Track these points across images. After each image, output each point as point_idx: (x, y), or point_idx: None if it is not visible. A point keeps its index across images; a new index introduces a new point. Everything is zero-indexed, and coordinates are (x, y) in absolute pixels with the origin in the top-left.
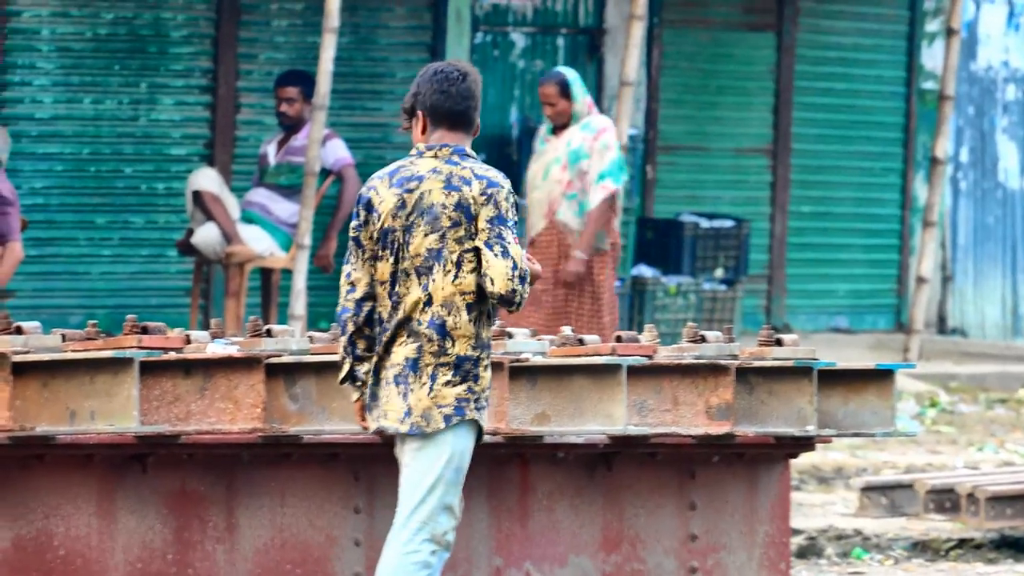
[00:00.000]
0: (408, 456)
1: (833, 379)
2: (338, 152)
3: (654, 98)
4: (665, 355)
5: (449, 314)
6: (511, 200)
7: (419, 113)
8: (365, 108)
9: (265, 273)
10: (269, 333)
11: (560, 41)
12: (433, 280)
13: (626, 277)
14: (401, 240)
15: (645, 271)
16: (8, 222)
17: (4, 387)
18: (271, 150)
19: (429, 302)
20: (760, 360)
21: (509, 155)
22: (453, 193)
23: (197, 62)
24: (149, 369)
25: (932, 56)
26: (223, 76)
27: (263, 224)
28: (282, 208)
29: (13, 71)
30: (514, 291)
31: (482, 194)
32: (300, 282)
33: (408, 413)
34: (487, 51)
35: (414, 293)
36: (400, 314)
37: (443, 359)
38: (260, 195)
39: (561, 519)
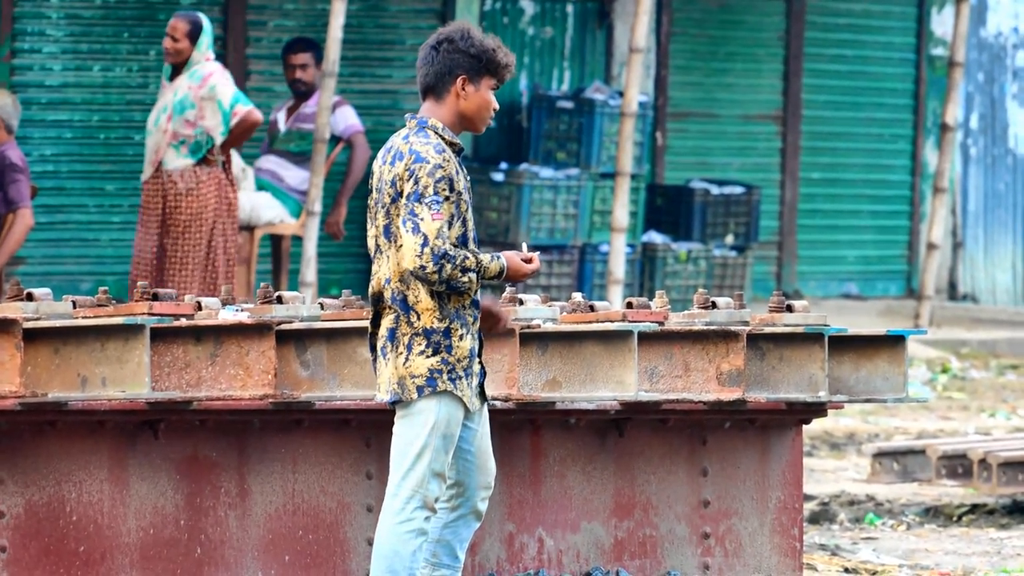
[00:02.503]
0: (395, 425)
1: (844, 345)
2: (348, 119)
3: (664, 65)
4: (676, 321)
5: (408, 289)
6: (436, 175)
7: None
8: (375, 75)
9: (275, 240)
10: (280, 300)
11: (569, 8)
12: (388, 257)
13: (637, 244)
14: (372, 216)
15: (655, 238)
16: (18, 189)
17: (15, 354)
18: (281, 117)
19: (388, 279)
20: (771, 326)
21: (519, 122)
22: (391, 169)
23: None
24: (160, 336)
25: (942, 22)
26: (232, 43)
27: (273, 191)
28: (292, 175)
29: (23, 38)
30: (423, 267)
31: (407, 169)
32: (311, 249)
33: (388, 382)
34: (496, 18)
35: (381, 269)
36: (374, 288)
37: (415, 329)
38: (270, 162)
39: (573, 485)
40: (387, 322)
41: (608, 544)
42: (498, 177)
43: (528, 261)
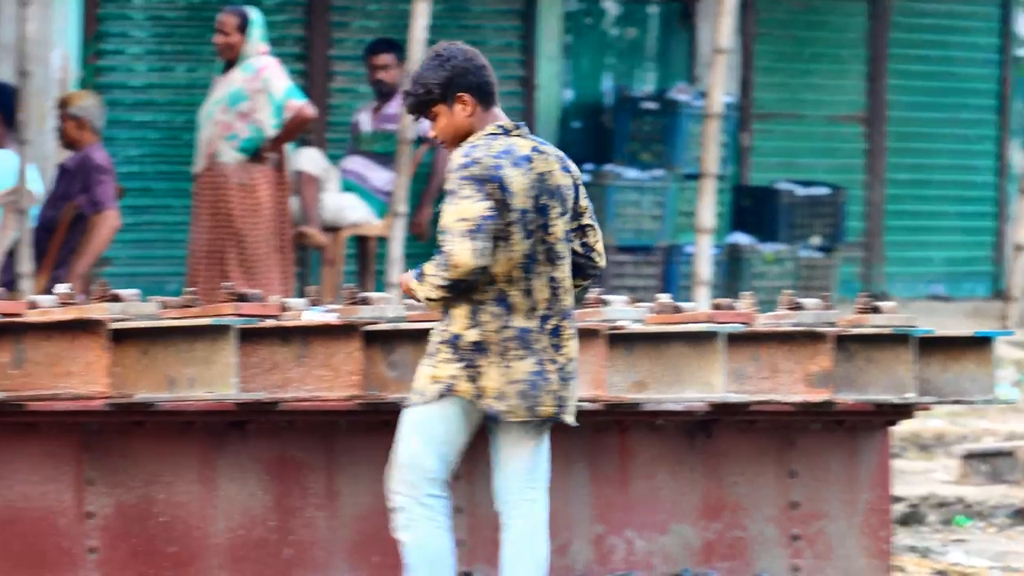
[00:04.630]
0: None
1: (932, 346)
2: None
3: (748, 66)
4: (763, 323)
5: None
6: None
7: (465, 96)
8: None
9: (361, 241)
10: (365, 301)
11: (653, 8)
12: (567, 264)
13: (723, 245)
14: (538, 222)
15: (741, 239)
16: (104, 190)
17: (103, 354)
18: (364, 118)
19: (564, 284)
20: (858, 327)
21: (603, 123)
22: (567, 175)
23: (289, 30)
24: (247, 336)
25: None
26: (315, 44)
27: (359, 192)
28: (377, 176)
29: (107, 40)
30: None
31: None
32: (396, 250)
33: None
34: (580, 19)
35: (565, 273)
36: (559, 296)
37: None
38: (355, 163)
39: (662, 486)
40: (576, 344)
41: (697, 546)
42: (583, 178)
43: None
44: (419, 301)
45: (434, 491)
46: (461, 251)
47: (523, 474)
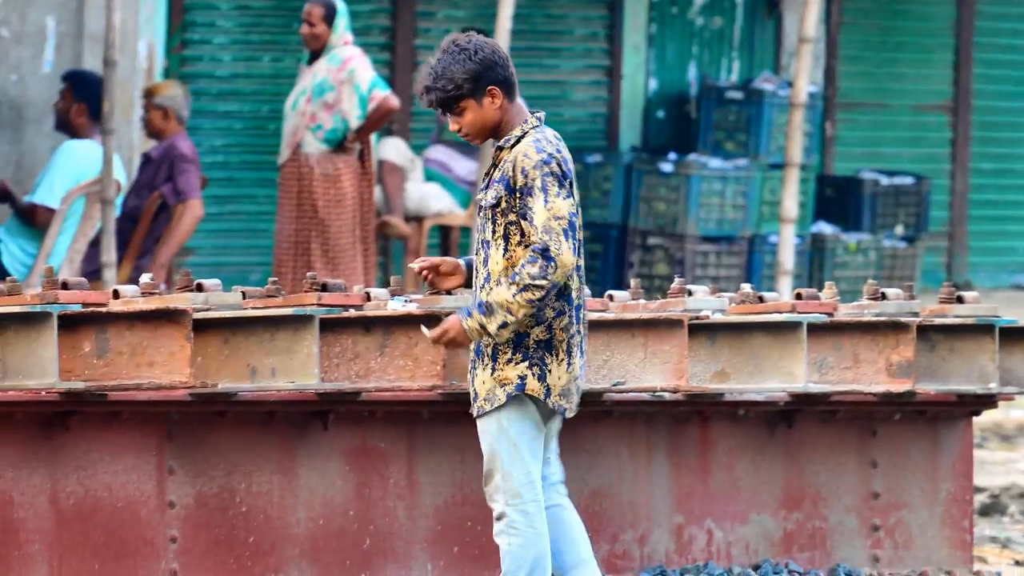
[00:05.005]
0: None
1: (1015, 336)
2: None
3: (833, 55)
4: (845, 312)
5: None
6: None
7: (495, 89)
8: (543, 65)
9: (444, 231)
10: (449, 291)
11: None
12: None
13: (806, 234)
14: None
15: (825, 228)
16: (188, 180)
17: (185, 344)
18: None
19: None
20: (941, 317)
21: (688, 112)
22: None
23: (375, 20)
24: (329, 326)
25: None
26: (401, 34)
27: (442, 181)
28: (461, 166)
29: (193, 30)
30: None
31: None
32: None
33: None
34: (665, 8)
35: (583, 261)
36: (583, 286)
37: None
38: (439, 153)
39: (742, 477)
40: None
41: (777, 536)
42: (667, 168)
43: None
44: (490, 337)
45: (534, 495)
46: (566, 251)
47: (558, 459)
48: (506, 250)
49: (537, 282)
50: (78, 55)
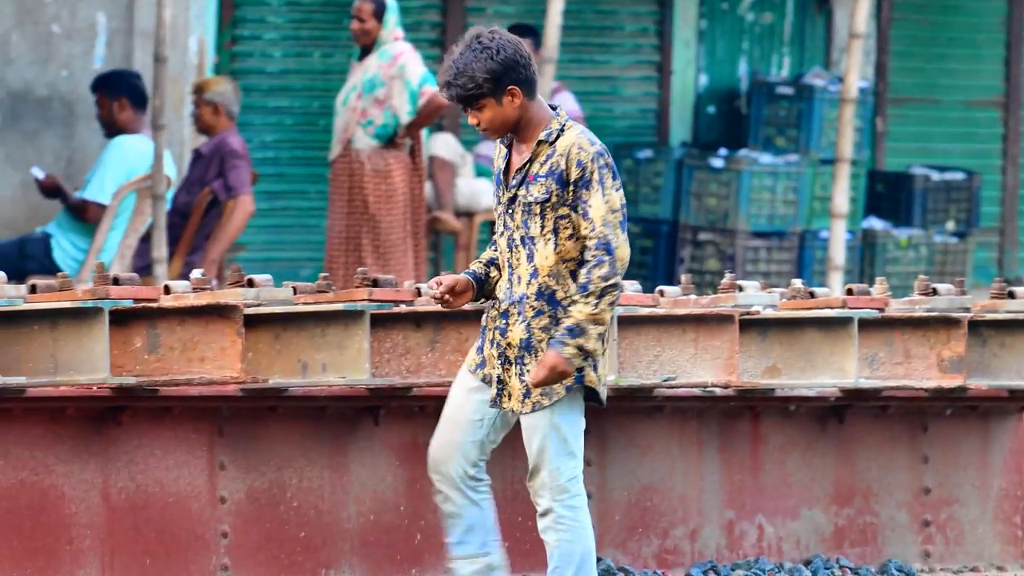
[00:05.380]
0: None
1: None
2: (567, 105)
3: (884, 50)
4: (896, 308)
5: None
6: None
7: (515, 89)
8: (594, 61)
9: (494, 226)
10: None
11: None
12: None
13: (857, 230)
14: None
15: (876, 224)
16: (239, 176)
17: (236, 340)
18: None
19: None
20: (992, 313)
21: (738, 108)
22: None
23: (425, 16)
24: (380, 322)
25: None
26: (451, 30)
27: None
28: None
29: (244, 25)
30: None
31: None
32: None
33: None
34: (716, 4)
35: None
36: None
37: None
38: (490, 148)
39: (792, 472)
40: None
41: (828, 531)
42: (717, 163)
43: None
44: (591, 354)
45: (579, 490)
46: (623, 243)
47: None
48: (556, 244)
49: (611, 282)
50: (128, 51)
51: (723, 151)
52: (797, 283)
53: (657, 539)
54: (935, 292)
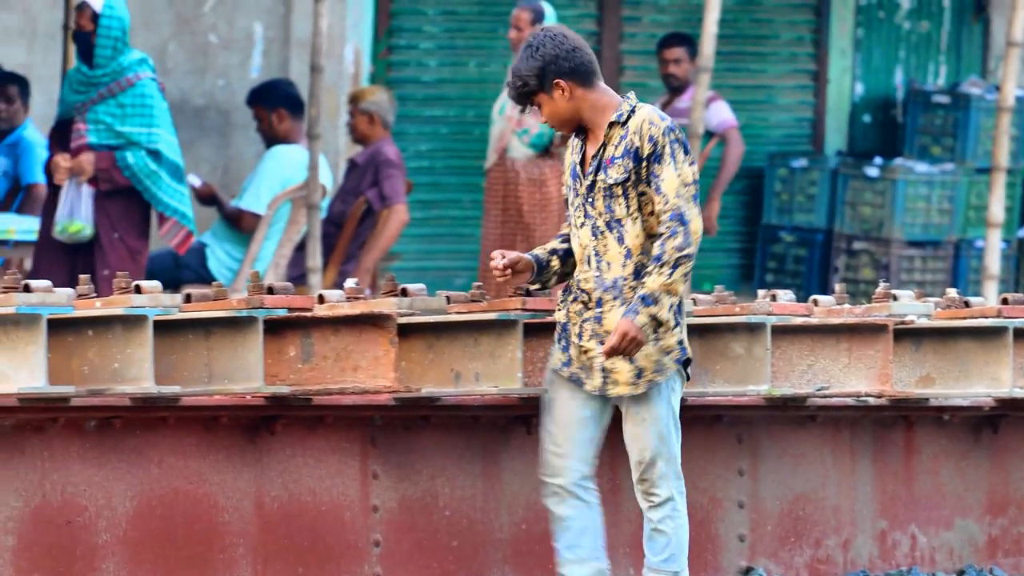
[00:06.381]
0: None
1: None
2: (722, 114)
3: None
4: None
5: None
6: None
7: (561, 82)
8: (749, 70)
9: None
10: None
11: (946, 1)
12: None
13: (1012, 239)
14: None
15: None
16: (393, 185)
17: (390, 349)
18: None
19: None
20: None
21: (894, 116)
22: None
23: (581, 25)
24: (533, 331)
25: None
26: (607, 38)
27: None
28: None
29: (399, 35)
30: None
31: None
32: None
33: None
34: (872, 12)
35: None
36: None
37: None
38: None
39: (946, 482)
40: None
41: (982, 542)
42: (872, 172)
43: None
44: (663, 324)
45: (682, 476)
46: (696, 216)
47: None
48: (644, 221)
49: (685, 252)
50: (285, 60)
51: (878, 160)
52: (952, 292)
53: (809, 549)
54: None
